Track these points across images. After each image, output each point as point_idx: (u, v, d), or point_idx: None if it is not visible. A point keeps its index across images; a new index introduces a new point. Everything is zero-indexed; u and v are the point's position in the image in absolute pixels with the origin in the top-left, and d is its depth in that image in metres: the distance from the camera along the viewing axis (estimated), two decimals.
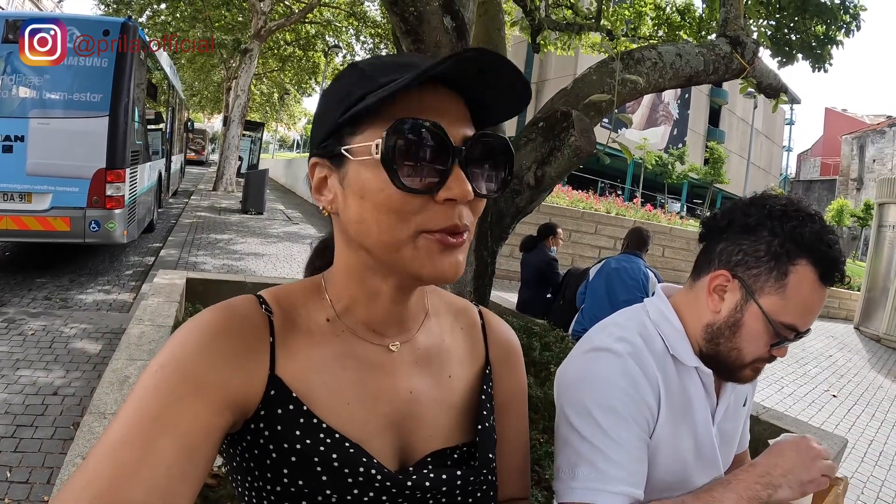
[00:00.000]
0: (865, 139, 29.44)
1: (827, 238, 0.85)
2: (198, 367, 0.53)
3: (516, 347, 0.77)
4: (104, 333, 4.32)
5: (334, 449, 0.57)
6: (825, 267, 0.85)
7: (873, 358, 7.98)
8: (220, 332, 0.56)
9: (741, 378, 0.92)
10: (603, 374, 0.86)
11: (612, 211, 10.37)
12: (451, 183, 0.53)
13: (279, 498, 0.57)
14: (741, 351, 0.88)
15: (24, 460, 2.63)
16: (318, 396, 0.59)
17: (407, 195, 0.52)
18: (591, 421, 0.83)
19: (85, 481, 0.46)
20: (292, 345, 0.60)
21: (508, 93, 0.57)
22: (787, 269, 0.85)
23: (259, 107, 29.19)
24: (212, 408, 0.52)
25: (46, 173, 5.32)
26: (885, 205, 9.75)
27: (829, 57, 4.94)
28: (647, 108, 26.82)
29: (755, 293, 0.86)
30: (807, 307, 0.86)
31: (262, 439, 0.57)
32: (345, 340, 0.62)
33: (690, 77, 3.49)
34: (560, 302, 5.03)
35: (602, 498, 0.79)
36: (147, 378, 0.52)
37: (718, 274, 0.90)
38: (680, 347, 0.91)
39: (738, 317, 0.88)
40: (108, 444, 0.48)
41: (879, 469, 4.13)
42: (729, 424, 0.99)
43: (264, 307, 0.60)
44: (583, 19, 7.12)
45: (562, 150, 3.01)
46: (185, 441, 0.49)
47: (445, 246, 0.54)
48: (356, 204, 0.56)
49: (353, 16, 16.08)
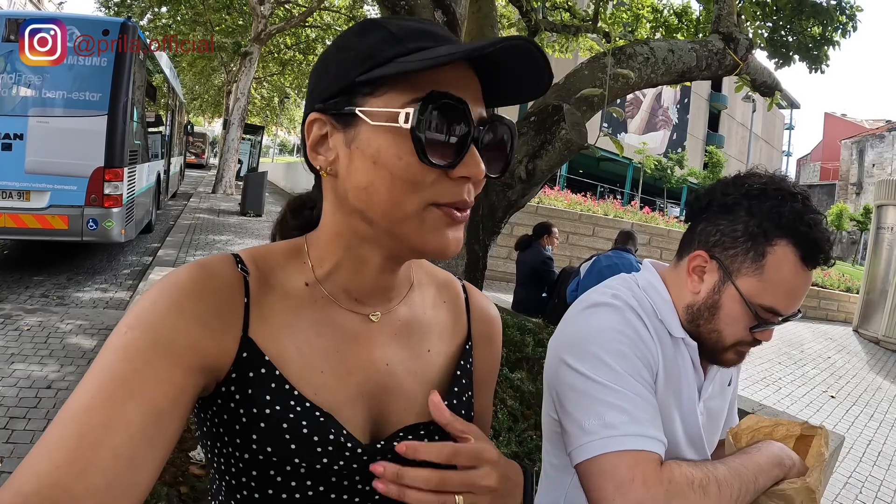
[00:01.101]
0: (865, 144, 29.45)
1: (808, 217, 0.82)
2: (167, 328, 0.51)
3: (498, 323, 0.76)
4: (100, 329, 4.33)
5: (304, 416, 0.56)
6: (807, 248, 0.82)
7: (872, 360, 7.96)
8: (193, 291, 0.54)
9: (724, 361, 0.90)
10: (606, 325, 0.84)
11: (609, 213, 10.37)
12: (468, 160, 0.53)
13: (247, 465, 0.56)
14: (721, 333, 0.87)
15: (16, 451, 2.64)
16: (290, 362, 0.57)
17: (426, 168, 0.52)
18: (605, 367, 0.79)
19: (50, 447, 0.45)
20: (267, 307, 0.58)
21: (529, 82, 0.57)
22: (765, 249, 0.83)
23: (259, 111, 29.24)
24: (181, 371, 0.51)
25: (45, 171, 5.34)
26: (884, 206, 9.73)
27: (826, 58, 4.95)
28: (646, 112, 26.88)
29: (732, 274, 0.85)
30: (788, 290, 0.83)
31: (232, 403, 0.55)
32: (322, 307, 0.61)
33: (683, 73, 3.50)
34: (555, 301, 5.04)
35: (642, 443, 0.74)
36: (115, 340, 0.51)
37: (697, 254, 0.89)
38: (668, 316, 0.90)
39: (715, 298, 0.87)
40: (73, 409, 0.47)
41: (878, 469, 4.11)
42: (715, 403, 0.98)
43: (240, 266, 0.58)
44: (580, 21, 7.15)
45: (553, 144, 3.01)
46: (153, 406, 0.48)
47: (452, 220, 0.55)
48: (366, 169, 0.54)
49: (352, 20, 16.13)
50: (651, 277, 0.95)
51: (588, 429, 0.76)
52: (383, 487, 0.53)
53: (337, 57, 0.56)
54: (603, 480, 0.73)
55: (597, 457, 0.74)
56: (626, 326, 0.84)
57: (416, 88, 0.52)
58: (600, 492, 0.73)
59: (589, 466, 0.75)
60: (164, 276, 0.56)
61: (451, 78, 0.53)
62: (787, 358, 7.03)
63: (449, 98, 0.52)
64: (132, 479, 0.46)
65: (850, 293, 11.27)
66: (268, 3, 14.11)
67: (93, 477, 0.44)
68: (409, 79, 0.52)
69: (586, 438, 0.76)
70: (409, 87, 0.52)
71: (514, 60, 0.54)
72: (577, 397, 0.79)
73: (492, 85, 0.57)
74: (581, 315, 0.89)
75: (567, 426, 0.80)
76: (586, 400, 0.78)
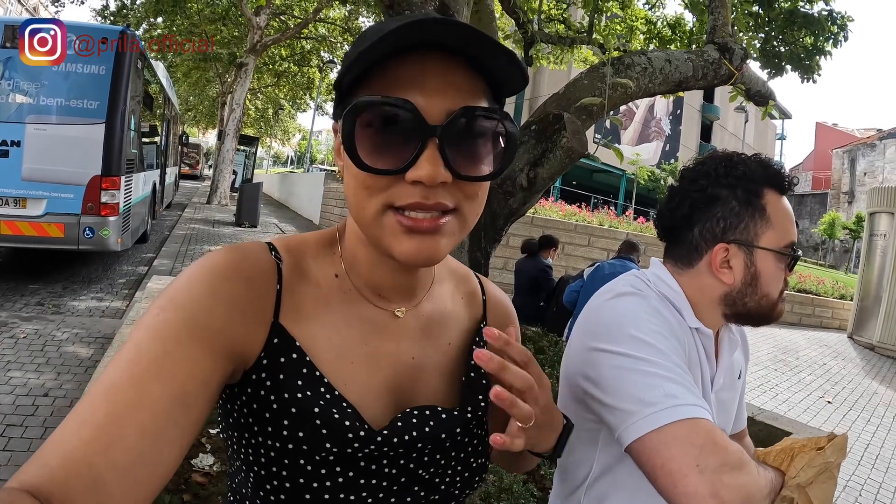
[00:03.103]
0: (856, 153, 29.77)
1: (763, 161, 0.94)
2: (199, 312, 0.51)
3: (513, 315, 0.77)
4: (96, 338, 4.29)
5: (334, 404, 0.56)
6: (778, 181, 0.92)
7: (867, 365, 8.01)
8: (227, 276, 0.54)
9: (778, 314, 0.95)
10: (636, 310, 0.86)
11: (604, 223, 10.43)
12: (422, 163, 0.50)
13: (278, 454, 0.56)
14: (769, 295, 0.92)
15: (13, 459, 2.61)
16: (321, 351, 0.58)
17: (375, 175, 0.51)
18: (648, 345, 0.79)
19: (78, 423, 0.45)
20: (299, 295, 0.59)
21: (501, 57, 0.51)
22: (760, 203, 0.90)
23: (254, 122, 29.30)
24: (212, 355, 0.51)
25: (42, 179, 5.33)
26: (876, 214, 9.83)
27: (818, 68, 5.03)
28: (639, 123, 27.11)
29: (753, 241, 0.90)
30: (789, 220, 0.92)
31: (262, 390, 0.55)
32: (351, 299, 0.61)
33: (680, 82, 3.55)
34: (553, 308, 5.06)
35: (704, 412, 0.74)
36: (148, 320, 0.51)
37: (716, 250, 0.91)
38: (682, 307, 0.92)
39: (752, 270, 0.91)
40: (103, 387, 0.47)
41: (876, 472, 4.13)
42: (727, 395, 0.99)
43: (274, 254, 0.59)
44: (575, 33, 7.24)
45: (554, 152, 3.04)
46: (181, 387, 0.48)
47: (409, 228, 0.52)
48: (346, 173, 0.55)
49: (348, 31, 16.24)
50: (659, 272, 0.97)
51: (650, 400, 0.74)
52: (486, 358, 0.50)
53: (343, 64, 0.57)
54: (679, 447, 0.71)
55: (667, 426, 0.72)
56: (654, 314, 0.86)
57: (372, 90, 0.51)
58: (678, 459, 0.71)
59: (658, 437, 0.73)
60: (199, 259, 0.56)
61: (409, 73, 0.51)
62: (782, 364, 7.06)
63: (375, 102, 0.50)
64: (157, 458, 0.46)
65: (844, 300, 11.35)
66: (263, 14, 14.20)
67: (118, 454, 0.44)
68: (365, 85, 0.52)
69: (649, 410, 0.74)
70: (369, 88, 0.52)
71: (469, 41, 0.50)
72: (626, 375, 0.78)
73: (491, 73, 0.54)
74: (608, 304, 0.90)
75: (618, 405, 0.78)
76: (637, 375, 0.77)
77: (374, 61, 0.50)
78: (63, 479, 0.42)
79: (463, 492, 0.66)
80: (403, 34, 0.48)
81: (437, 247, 0.53)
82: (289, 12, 16.23)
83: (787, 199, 0.93)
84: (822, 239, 27.79)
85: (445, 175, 0.50)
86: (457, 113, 0.50)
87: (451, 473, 0.64)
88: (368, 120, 0.50)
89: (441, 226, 0.52)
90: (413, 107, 0.49)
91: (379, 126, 0.50)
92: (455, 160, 0.51)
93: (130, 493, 0.44)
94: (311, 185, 16.21)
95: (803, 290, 11.13)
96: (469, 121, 0.51)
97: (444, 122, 0.50)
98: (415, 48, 0.50)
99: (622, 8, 7.34)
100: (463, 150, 0.51)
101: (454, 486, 0.64)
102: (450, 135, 0.50)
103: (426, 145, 0.50)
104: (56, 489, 0.41)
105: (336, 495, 0.56)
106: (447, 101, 0.50)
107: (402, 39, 0.49)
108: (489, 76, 0.54)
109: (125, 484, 0.44)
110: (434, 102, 0.50)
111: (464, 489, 0.66)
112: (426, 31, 0.49)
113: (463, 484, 0.65)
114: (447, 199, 0.52)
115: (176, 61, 18.63)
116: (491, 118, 0.52)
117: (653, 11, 7.45)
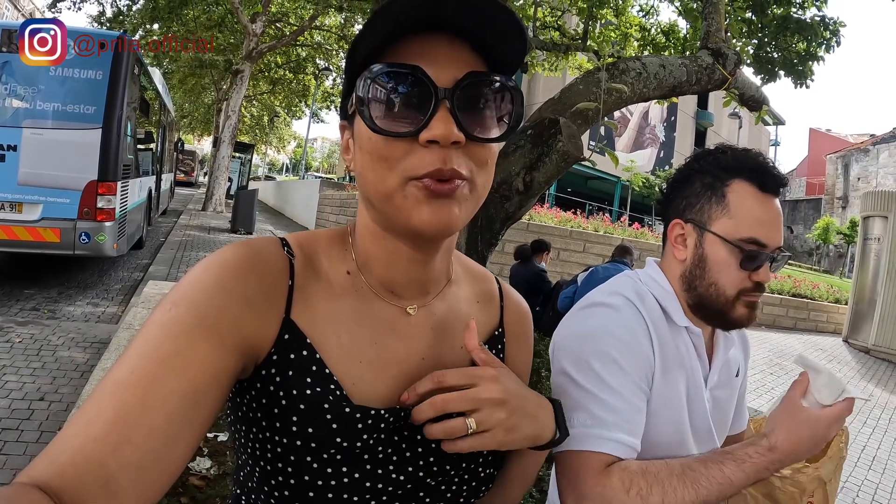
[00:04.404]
0: (850, 158, 29.98)
1: (749, 154, 0.91)
2: (211, 308, 0.51)
3: (529, 320, 0.78)
4: (92, 343, 4.28)
5: (342, 401, 0.56)
6: (758, 177, 0.88)
7: (863, 368, 8.04)
8: (239, 272, 0.54)
9: (737, 318, 0.90)
10: (600, 326, 0.87)
11: (599, 230, 10.46)
12: (434, 123, 0.51)
13: (285, 450, 0.56)
14: (717, 284, 0.89)
15: (9, 462, 2.60)
16: (331, 348, 0.58)
17: (390, 140, 0.52)
18: (590, 370, 0.83)
19: (88, 420, 0.45)
20: (310, 291, 0.59)
21: (507, 33, 0.54)
22: (723, 190, 0.90)
23: (249, 129, 29.30)
24: (223, 351, 0.50)
25: (38, 183, 5.31)
26: (870, 218, 9.88)
27: (811, 73, 5.08)
28: (633, 130, 27.27)
29: (705, 224, 0.91)
30: (758, 218, 0.87)
31: (272, 386, 0.55)
32: (363, 297, 0.61)
33: (674, 87, 3.58)
34: (549, 313, 5.07)
35: (597, 444, 0.78)
36: (158, 316, 0.51)
37: (673, 225, 0.96)
38: (671, 306, 0.93)
39: (700, 252, 0.91)
40: (112, 384, 0.47)
41: (873, 473, 4.15)
42: (722, 392, 0.99)
43: (286, 249, 0.59)
44: (569, 40, 7.31)
45: (550, 156, 3.06)
46: (192, 385, 0.48)
47: (432, 193, 0.52)
48: (360, 157, 0.56)
49: (343, 39, 16.29)
50: (652, 272, 0.99)
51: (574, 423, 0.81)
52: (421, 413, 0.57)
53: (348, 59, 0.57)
54: (560, 475, 0.81)
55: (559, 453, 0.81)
56: (620, 327, 0.87)
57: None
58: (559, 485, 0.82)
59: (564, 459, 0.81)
60: (210, 254, 0.56)
61: (416, 49, 0.53)
62: (778, 368, 7.09)
63: (388, 67, 0.52)
64: (167, 456, 0.46)
65: (839, 304, 11.41)
66: (260, 21, 14.24)
67: (128, 452, 0.44)
68: (381, 57, 0.53)
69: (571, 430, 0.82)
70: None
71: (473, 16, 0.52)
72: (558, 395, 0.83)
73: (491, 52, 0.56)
74: (579, 314, 0.93)
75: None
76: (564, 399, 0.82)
77: (386, 32, 0.52)
78: (74, 476, 0.42)
79: (469, 500, 0.65)
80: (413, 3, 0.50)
81: (454, 213, 0.54)
82: (285, 20, 16.28)
83: (769, 200, 0.88)
84: (817, 244, 27.95)
85: (458, 135, 0.52)
86: (463, 77, 0.52)
87: (457, 482, 0.63)
88: (381, 86, 0.52)
89: (456, 188, 0.53)
90: (423, 72, 0.51)
91: (391, 91, 0.52)
92: (466, 123, 0.52)
93: (142, 493, 0.45)
94: (307, 193, 16.22)
95: (798, 294, 11.19)
96: (476, 85, 0.54)
97: (452, 86, 0.52)
98: (423, 27, 0.53)
99: (616, 15, 7.41)
100: (473, 114, 0.53)
101: (460, 495, 0.64)
102: (459, 98, 0.52)
103: (438, 108, 0.51)
104: (67, 486, 0.42)
105: (340, 495, 0.56)
106: (453, 69, 0.53)
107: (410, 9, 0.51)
108: (493, 55, 0.56)
109: (137, 483, 0.44)
110: (441, 70, 0.52)
111: (469, 498, 0.65)
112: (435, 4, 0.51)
113: (469, 492, 0.65)
114: (462, 166, 0.53)
115: (172, 68, 18.65)
116: (496, 82, 0.55)
117: (647, 18, 7.52)
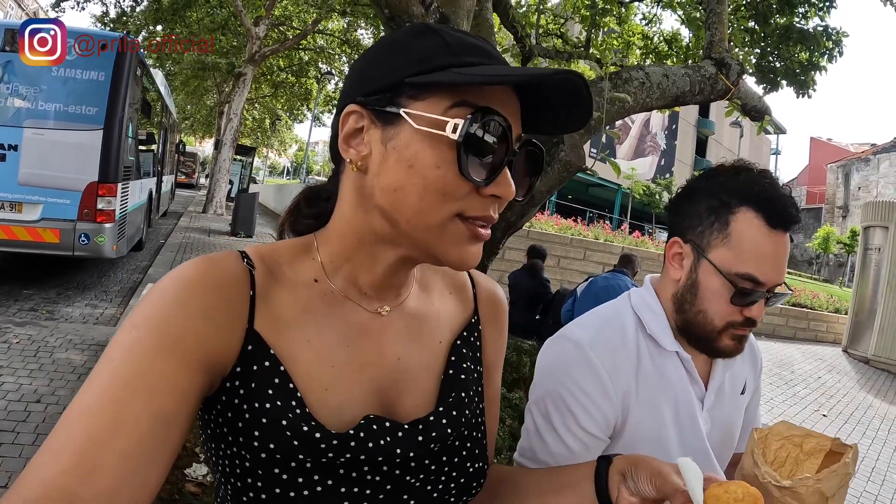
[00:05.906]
0: (850, 167, 30.04)
1: (762, 182, 0.85)
2: (174, 327, 0.50)
3: (504, 305, 0.76)
4: (90, 345, 4.26)
5: (303, 416, 0.54)
6: (766, 209, 0.83)
7: (862, 379, 8.03)
8: (198, 286, 0.53)
9: (722, 348, 0.88)
10: (559, 363, 0.89)
11: (600, 238, 10.46)
12: (502, 180, 0.53)
13: (252, 464, 0.54)
14: (706, 313, 0.86)
15: (4, 464, 2.58)
16: (300, 355, 0.56)
17: (461, 180, 0.52)
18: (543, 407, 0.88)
19: (55, 450, 0.44)
20: (274, 300, 0.57)
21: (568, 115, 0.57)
22: (728, 218, 0.85)
23: (251, 132, 29.32)
24: (188, 370, 0.49)
25: (38, 184, 5.30)
26: (870, 228, 9.90)
27: (813, 83, 5.09)
28: (634, 138, 27.33)
29: (703, 249, 0.87)
30: (759, 253, 0.82)
31: (236, 399, 0.54)
32: (332, 301, 0.60)
33: (677, 97, 3.58)
34: (549, 322, 5.07)
35: None
36: (121, 340, 0.50)
37: (671, 242, 0.93)
38: (659, 331, 0.91)
39: (693, 277, 0.88)
40: (79, 411, 0.46)
41: (872, 484, 4.14)
42: (723, 412, 0.96)
43: (246, 261, 0.58)
44: (572, 48, 7.32)
45: (552, 166, 3.06)
46: (161, 406, 0.47)
47: (475, 235, 0.54)
48: (400, 171, 0.53)
49: (346, 43, 16.33)
50: (645, 294, 0.96)
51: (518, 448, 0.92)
52: None
53: (388, 53, 0.56)
54: None
55: None
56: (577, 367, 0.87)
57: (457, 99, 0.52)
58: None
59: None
60: (169, 272, 0.55)
61: (497, 97, 0.53)
62: (777, 378, 7.07)
63: (498, 116, 0.52)
64: (141, 480, 0.45)
65: (839, 314, 11.41)
66: (263, 24, 14.28)
67: (101, 480, 0.43)
68: (455, 90, 0.52)
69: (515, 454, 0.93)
70: (450, 97, 0.52)
71: (559, 92, 0.54)
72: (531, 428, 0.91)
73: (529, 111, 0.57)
74: (548, 345, 0.94)
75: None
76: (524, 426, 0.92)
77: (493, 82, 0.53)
78: None
79: (460, 499, 0.63)
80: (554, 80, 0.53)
81: (480, 253, 0.57)
82: (288, 23, 16.32)
83: (775, 235, 0.83)
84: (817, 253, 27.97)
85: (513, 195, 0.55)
86: (524, 140, 0.56)
87: (444, 480, 0.61)
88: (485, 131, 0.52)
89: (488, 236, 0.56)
90: (511, 127, 0.53)
91: (486, 139, 0.52)
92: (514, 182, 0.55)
93: None
94: None
95: (798, 304, 11.19)
96: (531, 155, 0.58)
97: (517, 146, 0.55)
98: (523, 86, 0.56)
99: (619, 23, 7.42)
100: (516, 175, 0.56)
101: (448, 493, 0.62)
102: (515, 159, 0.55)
103: (504, 165, 0.54)
104: None
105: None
106: (516, 128, 0.55)
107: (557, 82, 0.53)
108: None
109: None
110: (515, 127, 0.54)
111: (461, 496, 0.63)
112: (563, 80, 0.53)
113: (459, 490, 0.62)
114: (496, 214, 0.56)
115: (174, 70, 18.66)
116: (538, 151, 0.58)
117: (649, 27, 7.53)
